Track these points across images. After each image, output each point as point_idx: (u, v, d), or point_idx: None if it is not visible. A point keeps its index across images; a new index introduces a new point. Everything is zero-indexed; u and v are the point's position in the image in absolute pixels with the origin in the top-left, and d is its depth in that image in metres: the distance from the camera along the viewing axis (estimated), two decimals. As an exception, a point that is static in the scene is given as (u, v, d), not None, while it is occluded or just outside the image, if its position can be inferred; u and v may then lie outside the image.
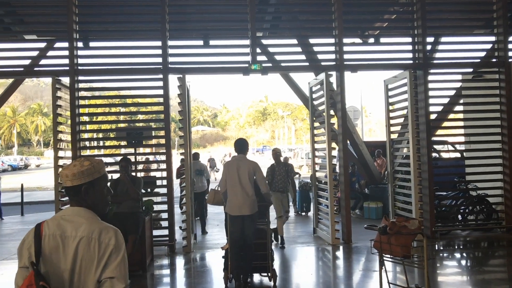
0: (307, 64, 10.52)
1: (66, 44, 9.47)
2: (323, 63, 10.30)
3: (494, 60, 10.41)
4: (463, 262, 8.70)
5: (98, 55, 9.92)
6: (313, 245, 9.80)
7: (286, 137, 71.45)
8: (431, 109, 10.02)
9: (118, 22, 10.46)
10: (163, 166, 10.33)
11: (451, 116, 11.31)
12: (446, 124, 11.29)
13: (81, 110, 9.71)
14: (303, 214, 13.97)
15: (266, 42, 10.73)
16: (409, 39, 10.32)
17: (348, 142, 10.95)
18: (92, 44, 9.95)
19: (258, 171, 6.78)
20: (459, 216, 10.84)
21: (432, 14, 10.36)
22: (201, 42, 10.03)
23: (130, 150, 10.47)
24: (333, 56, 10.07)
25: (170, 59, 9.63)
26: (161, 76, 9.54)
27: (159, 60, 9.56)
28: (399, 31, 11.23)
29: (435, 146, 10.61)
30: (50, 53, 10.22)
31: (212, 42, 10.06)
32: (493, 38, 10.50)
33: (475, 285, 7.13)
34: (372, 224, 5.24)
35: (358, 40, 11.31)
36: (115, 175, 8.60)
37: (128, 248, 6.63)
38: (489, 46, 10.60)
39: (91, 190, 2.38)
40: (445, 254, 8.97)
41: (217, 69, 10.04)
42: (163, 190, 9.77)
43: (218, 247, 9.56)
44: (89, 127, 11.44)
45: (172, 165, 9.76)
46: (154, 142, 12.66)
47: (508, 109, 10.13)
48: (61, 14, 9.79)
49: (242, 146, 7.01)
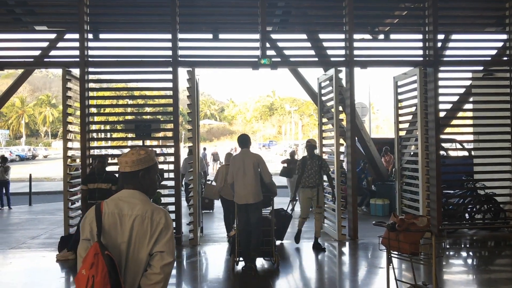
0: (317, 59, 10.49)
1: (76, 35, 9.50)
2: (333, 59, 10.27)
3: (505, 58, 10.34)
4: (470, 261, 8.67)
5: (108, 47, 9.94)
6: (319, 241, 9.79)
7: (293, 132, 71.37)
8: (440, 106, 9.97)
9: (129, 14, 10.47)
10: (170, 158, 10.35)
11: (460, 114, 11.24)
12: (455, 122, 11.23)
13: (90, 102, 9.75)
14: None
15: (275, 36, 10.71)
16: (419, 36, 10.26)
17: (355, 138, 10.92)
18: (102, 36, 9.96)
19: (261, 163, 7.48)
20: (466, 214, 10.80)
21: (443, 11, 10.29)
22: (211, 36, 10.02)
23: (138, 143, 10.49)
24: (342, 51, 10.04)
25: (180, 52, 9.64)
26: (170, 69, 9.55)
27: (169, 53, 9.57)
28: (410, 28, 11.18)
29: (443, 144, 10.56)
30: (60, 44, 10.25)
31: (222, 36, 10.05)
32: (504, 36, 10.43)
33: (482, 284, 7.11)
34: (380, 220, 5.24)
35: (368, 36, 11.27)
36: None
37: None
38: (500, 44, 10.54)
39: (147, 175, 2.73)
40: (451, 253, 8.95)
41: (226, 63, 10.03)
42: (171, 183, 9.80)
43: (225, 241, 9.61)
44: (97, 119, 11.46)
45: (180, 158, 9.79)
46: (162, 135, 12.67)
47: (518, 108, 10.07)
48: (72, 6, 9.82)
49: (245, 141, 7.72)
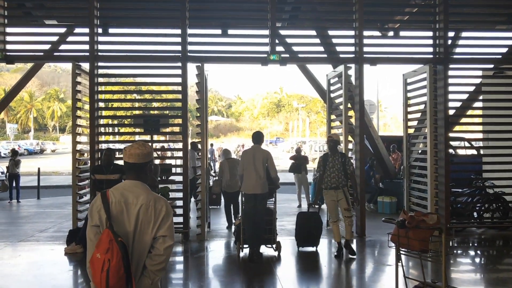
0: (326, 56, 10.47)
1: (86, 29, 9.52)
2: (342, 56, 10.24)
3: (516, 56, 10.26)
4: (478, 260, 8.63)
5: (118, 42, 9.96)
6: (326, 237, 9.78)
7: (300, 129, 71.25)
8: (450, 104, 9.91)
9: (138, 9, 10.48)
10: (178, 154, 10.37)
11: (470, 112, 11.17)
12: (464, 120, 11.16)
13: (99, 96, 9.77)
14: (317, 206, 13.90)
15: (284, 32, 10.68)
16: (430, 33, 10.21)
17: (364, 136, 10.88)
18: (112, 30, 9.99)
19: (269, 159, 8.10)
20: (475, 213, 10.74)
21: (454, 8, 10.22)
22: (220, 31, 10.02)
23: (146, 138, 10.51)
24: (352, 48, 10.00)
25: (189, 48, 9.64)
26: (179, 64, 9.56)
27: (178, 48, 9.57)
28: (420, 25, 11.10)
29: (452, 143, 10.50)
30: (70, 38, 10.30)
31: (231, 32, 10.05)
32: (515, 34, 10.35)
33: (490, 283, 7.08)
34: (389, 217, 5.22)
35: (378, 33, 11.21)
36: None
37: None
38: (511, 42, 10.45)
39: (150, 167, 3.07)
40: (459, 251, 8.91)
41: (235, 58, 10.02)
42: (178, 178, 9.82)
43: (232, 236, 9.62)
44: (106, 113, 11.51)
45: (190, 153, 9.80)
46: (169, 130, 12.68)
47: (528, 106, 10.00)
48: (82, 0, 9.84)
49: (259, 137, 8.35)
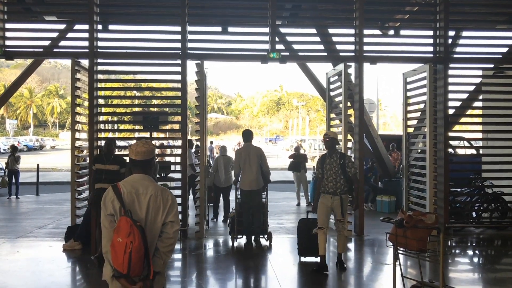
0: (326, 54, 10.45)
1: (86, 26, 9.48)
2: (342, 54, 10.22)
3: (517, 56, 10.25)
4: (476, 259, 8.63)
5: (118, 39, 9.95)
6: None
7: (300, 127, 71.25)
8: (450, 104, 9.90)
9: (138, 6, 10.45)
10: (176, 151, 10.35)
11: (470, 112, 11.16)
12: (464, 120, 11.15)
13: (98, 93, 9.76)
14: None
15: (284, 30, 10.66)
16: (430, 32, 10.19)
17: (363, 135, 10.87)
18: (111, 27, 9.97)
19: (262, 155, 8.71)
20: (474, 213, 10.74)
21: (454, 7, 10.20)
22: (220, 29, 10.01)
23: (145, 135, 10.50)
24: (352, 47, 9.98)
25: (189, 45, 9.62)
26: (179, 61, 9.54)
27: (178, 45, 9.55)
28: (420, 24, 11.09)
29: (451, 142, 10.49)
30: (70, 35, 10.28)
31: (231, 29, 10.04)
32: (516, 34, 10.33)
33: (488, 282, 7.08)
34: (387, 217, 5.22)
35: (378, 31, 11.20)
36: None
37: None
38: (511, 42, 10.43)
39: (154, 162, 3.48)
40: (457, 251, 8.91)
41: (235, 56, 10.01)
42: (177, 175, 9.82)
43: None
44: (105, 110, 11.49)
45: (187, 151, 9.79)
46: (169, 127, 12.68)
47: (528, 106, 9.98)
48: (82, -4, 9.82)
49: (249, 135, 8.93)
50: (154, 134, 10.49)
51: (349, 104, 10.04)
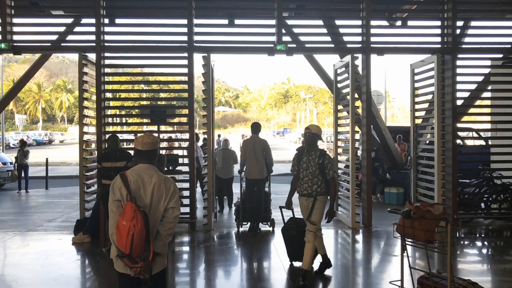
0: (333, 46, 10.41)
1: (93, 20, 9.50)
2: (349, 45, 10.18)
3: (526, 46, 10.14)
4: (485, 251, 8.61)
5: (124, 32, 9.96)
6: (332, 228, 9.79)
7: (308, 120, 71.10)
8: (458, 94, 9.83)
9: (145, -1, 10.46)
10: (184, 144, 10.37)
11: (478, 102, 11.08)
12: (472, 110, 11.07)
13: (106, 87, 9.79)
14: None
15: (291, 22, 10.61)
16: (438, 23, 10.11)
17: (371, 126, 10.83)
18: (118, 21, 9.97)
19: (267, 147, 9.24)
20: (482, 204, 10.69)
21: (463, -3, 10.11)
22: (226, 21, 9.98)
23: (153, 128, 10.52)
24: (359, 38, 9.93)
25: (195, 38, 9.61)
26: (186, 54, 9.54)
27: (185, 38, 9.55)
28: (428, 14, 11.01)
29: (459, 133, 10.42)
30: (77, 29, 10.29)
31: (237, 21, 10.00)
32: (525, 24, 10.22)
33: (496, 273, 7.07)
34: (395, 208, 5.21)
35: (385, 22, 11.12)
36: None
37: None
38: (521, 32, 10.32)
39: (157, 152, 3.83)
40: (466, 242, 8.89)
41: (242, 48, 10.00)
42: (185, 168, 9.85)
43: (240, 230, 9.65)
44: (113, 104, 11.52)
45: (194, 144, 9.82)
46: (176, 120, 12.68)
47: (538, 97, 9.89)
48: (88, -10, 9.83)
49: (257, 128, 9.45)
50: (162, 128, 10.51)
51: (356, 95, 10.01)
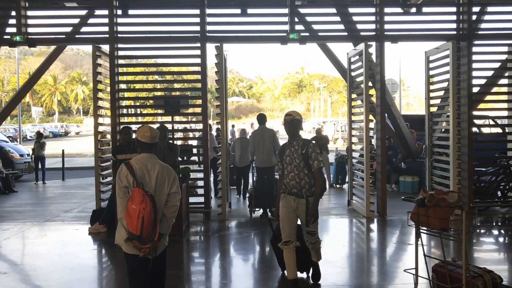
0: (346, 34, 10.31)
1: (106, 11, 9.55)
2: (363, 33, 10.08)
3: (544, 31, 9.95)
4: (501, 239, 8.54)
5: (137, 23, 10.00)
6: (347, 217, 9.79)
7: (322, 109, 70.75)
8: (474, 82, 9.70)
9: (157, -10, 10.46)
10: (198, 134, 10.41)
11: (495, 89, 10.91)
12: (489, 98, 10.92)
13: (120, 78, 9.84)
14: (338, 186, 13.93)
15: (304, 11, 10.51)
16: (453, 9, 9.96)
17: (385, 115, 10.75)
18: (131, 12, 10.00)
19: (275, 136, 9.66)
20: (499, 192, 10.58)
21: (479, -18, 9.94)
22: (239, 11, 9.95)
23: (167, 119, 10.56)
24: (373, 26, 9.84)
25: (208, 28, 9.61)
26: (199, 44, 9.55)
27: (197, 28, 9.55)
28: (443, 0, 10.83)
29: (475, 121, 10.27)
30: (91, 20, 10.33)
31: (250, 11, 9.96)
32: (543, 8, 10.01)
33: (513, 262, 7.01)
34: (409, 196, 5.18)
35: (399, 9, 10.97)
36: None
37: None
38: (538, 17, 10.13)
39: (157, 145, 4.16)
40: (482, 230, 8.82)
41: (255, 38, 9.98)
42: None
43: (252, 216, 9.68)
44: (127, 95, 11.58)
45: (208, 134, 9.87)
46: (190, 111, 12.71)
47: (556, 83, 9.72)
48: (101, -18, 9.86)
49: (263, 119, 9.79)
50: (176, 118, 10.54)
51: (370, 84, 9.93)
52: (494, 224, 9.46)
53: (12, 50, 66.62)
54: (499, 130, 13.27)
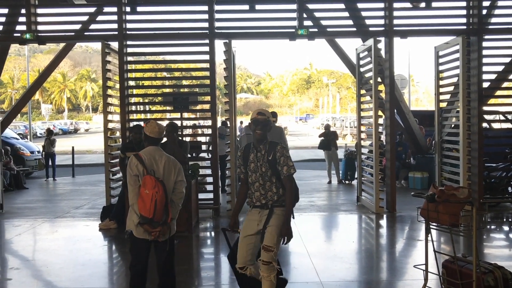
0: (355, 29, 10.26)
1: (114, 8, 9.59)
2: (372, 29, 10.03)
3: (555, 25, 9.83)
4: (512, 235, 8.49)
5: (146, 20, 10.01)
6: (356, 213, 9.77)
7: (330, 105, 70.61)
8: (484, 77, 9.62)
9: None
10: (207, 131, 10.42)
11: (506, 85, 10.81)
12: (499, 93, 10.83)
13: (129, 75, 9.88)
14: (347, 182, 13.91)
15: (312, 6, 10.48)
16: (463, 3, 9.87)
17: (394, 110, 10.70)
18: (139, 8, 10.02)
19: (282, 133, 9.34)
20: (509, 188, 10.50)
21: (489, -25, 9.85)
22: (247, 7, 9.93)
23: (176, 115, 10.60)
24: (382, 21, 9.78)
25: (216, 24, 9.61)
26: (207, 41, 9.56)
27: (206, 25, 9.56)
28: (453, -5, 10.74)
29: (486, 116, 10.20)
30: (99, 18, 10.37)
31: (258, 7, 9.94)
32: (555, 2, 9.90)
33: (524, 258, 6.97)
34: (419, 192, 5.16)
35: (408, 4, 10.90)
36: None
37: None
38: (550, 11, 10.01)
39: (162, 139, 4.64)
40: (492, 226, 8.77)
41: (263, 34, 9.97)
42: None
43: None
44: (136, 92, 11.63)
45: (217, 131, 9.87)
46: (199, 108, 12.75)
47: None
48: (109, -21, 9.89)
49: (274, 116, 9.20)
50: (185, 115, 10.58)
51: (379, 79, 9.88)
52: (505, 220, 9.40)
53: (21, 48, 67.21)
54: (510, 125, 13.18)
